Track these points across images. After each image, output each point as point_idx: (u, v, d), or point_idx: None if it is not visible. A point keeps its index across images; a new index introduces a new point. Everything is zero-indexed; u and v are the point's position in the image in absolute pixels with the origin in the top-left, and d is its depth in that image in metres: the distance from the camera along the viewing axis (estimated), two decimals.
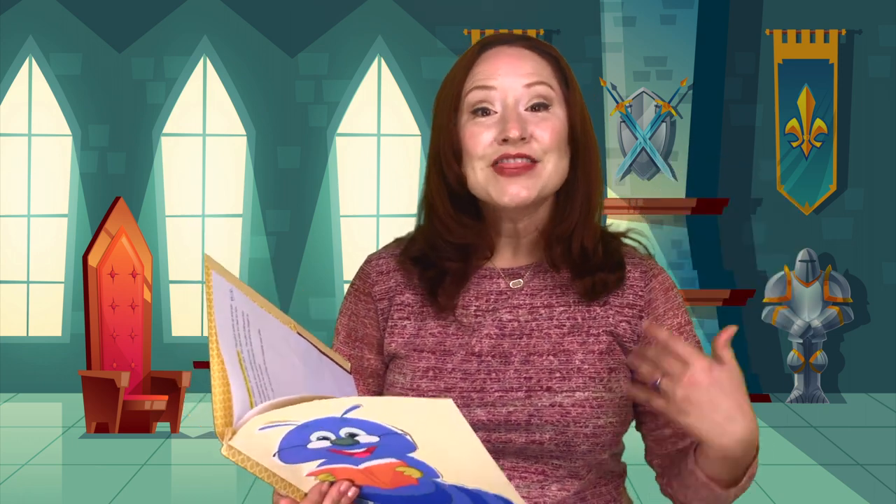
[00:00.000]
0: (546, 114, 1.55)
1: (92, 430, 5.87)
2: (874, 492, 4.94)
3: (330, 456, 1.32)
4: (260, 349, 1.38)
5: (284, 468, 1.34)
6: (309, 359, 1.46)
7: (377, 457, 1.31)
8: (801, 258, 6.80)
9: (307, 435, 1.29)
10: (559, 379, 1.55)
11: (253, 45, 7.08)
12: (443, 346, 1.59)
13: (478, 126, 1.55)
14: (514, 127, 1.52)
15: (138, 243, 6.20)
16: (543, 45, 1.60)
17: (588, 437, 1.54)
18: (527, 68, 1.55)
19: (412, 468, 1.32)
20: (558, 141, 1.55)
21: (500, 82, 1.54)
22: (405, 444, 1.28)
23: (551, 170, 1.55)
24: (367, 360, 1.65)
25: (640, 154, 6.82)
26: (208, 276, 1.36)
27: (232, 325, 1.35)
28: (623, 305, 1.59)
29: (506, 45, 1.58)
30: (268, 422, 1.27)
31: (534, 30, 6.94)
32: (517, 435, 1.54)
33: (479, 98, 1.55)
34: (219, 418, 1.28)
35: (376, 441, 1.28)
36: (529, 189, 1.53)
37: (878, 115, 7.03)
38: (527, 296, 1.60)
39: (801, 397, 6.72)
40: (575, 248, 1.58)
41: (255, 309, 1.41)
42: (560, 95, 1.57)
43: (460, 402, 1.55)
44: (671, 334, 1.42)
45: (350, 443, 1.29)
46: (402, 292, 1.63)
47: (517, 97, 1.54)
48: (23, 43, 7.09)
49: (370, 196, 7.14)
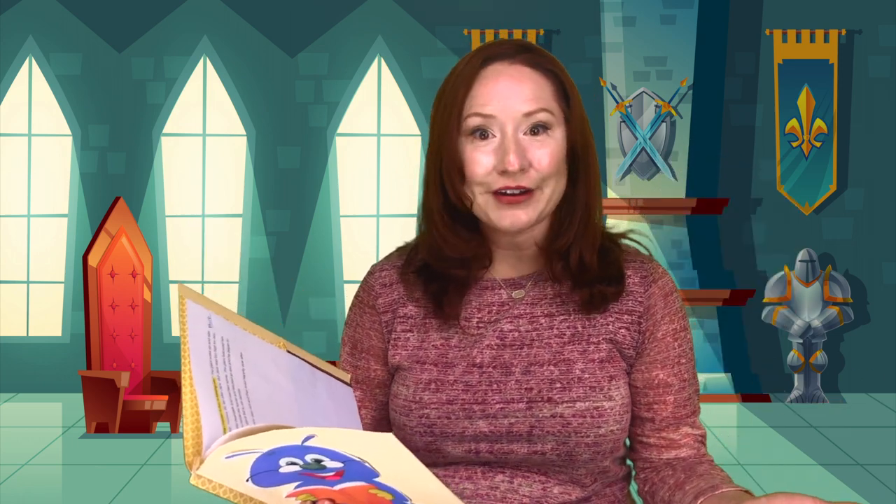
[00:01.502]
0: (545, 137, 1.54)
1: (92, 430, 5.87)
2: (874, 492, 4.94)
3: (304, 479, 1.33)
4: (241, 373, 1.38)
5: (261, 492, 1.34)
6: (300, 376, 1.46)
7: (348, 479, 1.32)
8: (801, 258, 6.80)
9: (275, 461, 1.29)
10: (560, 389, 1.55)
11: (253, 45, 7.08)
12: (445, 358, 1.59)
13: (477, 151, 1.54)
14: (513, 161, 1.51)
15: (138, 243, 6.20)
16: (545, 61, 1.57)
17: (589, 447, 1.54)
18: (527, 93, 1.53)
19: (383, 491, 1.33)
20: (557, 164, 1.55)
21: (499, 109, 1.53)
22: (368, 470, 1.29)
23: (549, 194, 1.55)
24: (374, 370, 1.66)
25: (640, 154, 6.82)
26: (182, 306, 1.36)
27: (209, 351, 1.35)
28: (622, 312, 1.60)
29: (507, 61, 1.55)
30: (232, 451, 1.27)
31: (534, 30, 6.94)
32: (519, 446, 1.55)
33: (477, 123, 1.54)
34: (188, 448, 1.28)
35: (342, 466, 1.29)
36: (529, 214, 1.54)
37: (878, 115, 7.03)
38: (528, 305, 1.61)
39: (801, 397, 6.72)
40: (573, 261, 1.59)
41: (236, 333, 1.41)
42: (560, 116, 1.56)
43: (462, 414, 1.55)
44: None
45: (318, 467, 1.30)
46: (405, 304, 1.64)
47: (516, 125, 1.53)
48: (23, 43, 7.09)
49: (370, 196, 7.14)
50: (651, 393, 1.61)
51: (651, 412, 1.61)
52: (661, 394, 1.61)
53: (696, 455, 1.63)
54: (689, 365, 1.63)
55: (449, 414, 1.55)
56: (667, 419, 1.61)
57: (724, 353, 6.77)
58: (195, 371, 1.32)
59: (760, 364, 6.97)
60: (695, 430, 1.64)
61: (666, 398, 1.61)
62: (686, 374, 1.63)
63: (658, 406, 1.61)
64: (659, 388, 1.61)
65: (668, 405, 1.61)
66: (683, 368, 1.62)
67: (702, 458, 1.63)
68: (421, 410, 1.57)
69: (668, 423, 1.62)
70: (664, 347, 1.61)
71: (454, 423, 1.55)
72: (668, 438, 1.62)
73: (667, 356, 1.61)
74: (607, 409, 1.55)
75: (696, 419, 1.65)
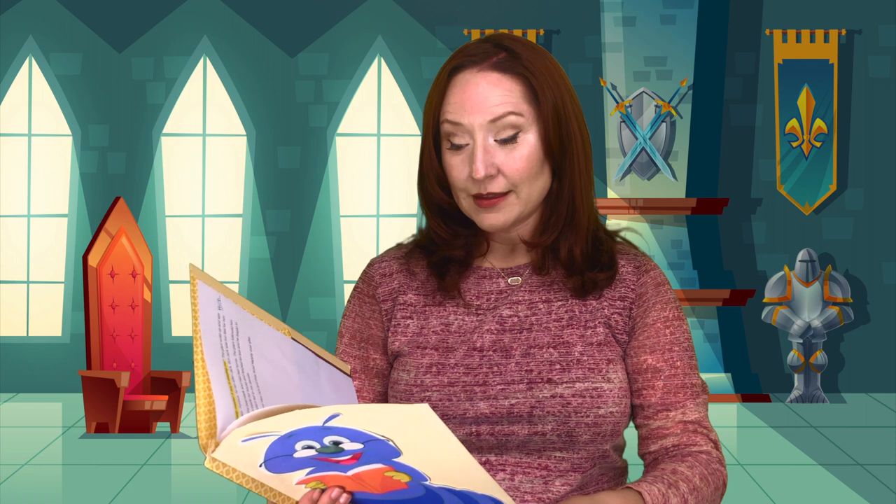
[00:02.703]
0: (515, 144, 1.57)
1: (92, 430, 5.87)
2: (874, 492, 4.94)
3: (317, 464, 1.32)
4: (249, 357, 1.37)
5: (273, 478, 1.34)
6: (304, 364, 1.46)
7: (364, 463, 1.31)
8: (801, 258, 6.80)
9: (291, 444, 1.29)
10: (559, 370, 1.57)
11: (253, 45, 7.08)
12: (445, 343, 1.61)
13: (454, 158, 1.58)
14: (479, 168, 1.55)
15: (138, 243, 6.20)
16: (514, 64, 1.58)
17: (590, 427, 1.56)
18: (494, 99, 1.56)
19: (400, 472, 1.32)
20: (530, 167, 1.57)
21: (467, 118, 1.56)
22: (389, 450, 1.28)
23: (526, 195, 1.58)
24: (373, 360, 1.67)
25: (640, 154, 6.82)
26: (193, 286, 1.36)
27: (219, 334, 1.35)
28: (615, 298, 1.62)
29: (475, 68, 1.58)
30: (249, 433, 1.27)
31: (534, 30, 6.94)
32: (520, 427, 1.56)
33: (448, 131, 1.58)
34: (202, 430, 1.28)
35: (361, 448, 1.28)
36: (505, 216, 1.58)
37: (878, 115, 7.03)
38: (525, 292, 1.64)
39: (801, 397, 6.72)
40: (563, 254, 1.61)
41: (244, 316, 1.41)
42: (531, 116, 1.58)
43: (464, 396, 1.57)
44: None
45: (335, 450, 1.29)
46: (405, 293, 1.66)
47: (485, 132, 1.56)
48: (23, 43, 7.09)
49: (370, 196, 7.14)
50: (640, 378, 1.61)
51: (640, 398, 1.61)
52: (650, 379, 1.61)
53: (685, 444, 1.61)
54: (684, 355, 1.62)
55: (450, 396, 1.57)
56: (655, 405, 1.61)
57: (724, 353, 6.78)
58: (207, 354, 1.31)
59: (760, 364, 6.97)
60: (686, 417, 1.62)
61: (655, 383, 1.61)
62: (678, 363, 1.62)
63: (647, 391, 1.61)
64: (647, 374, 1.61)
65: (657, 390, 1.61)
66: (675, 356, 1.62)
67: (688, 449, 1.60)
68: (422, 394, 1.58)
69: (656, 409, 1.61)
70: (654, 333, 1.62)
71: (455, 405, 1.57)
72: (658, 427, 1.62)
73: (657, 342, 1.61)
74: (606, 390, 1.57)
75: (689, 407, 1.61)
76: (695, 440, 1.62)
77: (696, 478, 1.57)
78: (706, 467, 1.59)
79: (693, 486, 1.56)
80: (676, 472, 1.56)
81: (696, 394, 1.63)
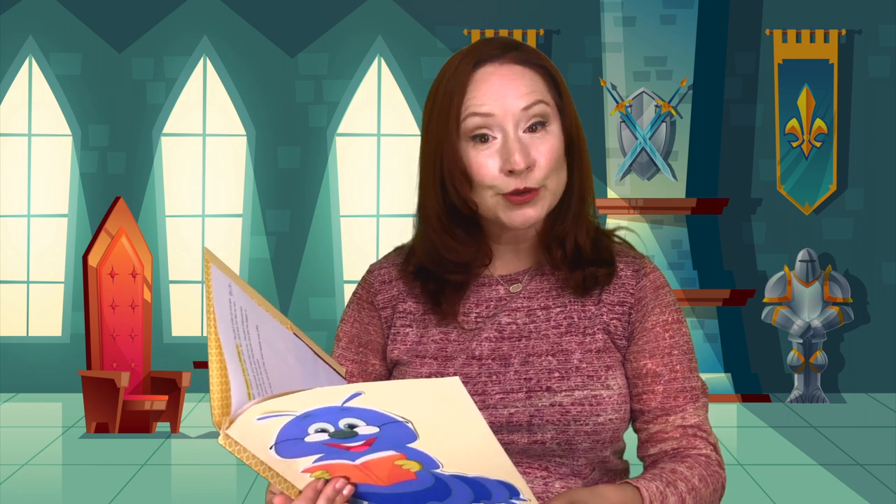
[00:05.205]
0: (544, 132, 1.56)
1: (92, 430, 5.87)
2: (874, 492, 4.94)
3: (327, 450, 1.32)
4: (258, 344, 1.38)
5: (280, 462, 1.34)
6: (304, 359, 1.47)
7: (375, 450, 1.31)
8: (801, 258, 6.80)
9: (305, 427, 1.28)
10: (558, 379, 1.57)
11: (253, 45, 7.08)
12: (444, 352, 1.61)
13: (481, 155, 1.55)
14: (519, 160, 1.53)
15: (138, 243, 6.20)
16: (534, 57, 1.60)
17: (589, 435, 1.55)
18: (522, 88, 1.56)
19: (411, 461, 1.32)
20: (557, 160, 1.57)
21: (498, 108, 1.54)
22: (406, 434, 1.28)
23: (554, 188, 1.58)
24: (372, 365, 1.67)
25: (640, 154, 6.82)
26: (208, 269, 1.36)
27: (231, 318, 1.35)
28: (615, 303, 1.62)
29: (497, 61, 1.57)
30: (266, 411, 1.27)
31: (534, 30, 6.94)
32: (519, 436, 1.56)
33: (476, 124, 1.55)
34: (216, 408, 1.28)
35: (376, 432, 1.28)
36: (538, 211, 1.56)
37: (878, 115, 7.03)
38: (525, 299, 1.63)
39: (801, 397, 6.72)
40: (569, 246, 1.61)
41: (252, 305, 1.41)
42: (555, 109, 1.58)
43: None
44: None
45: (349, 434, 1.29)
46: (405, 300, 1.65)
47: (516, 121, 1.55)
48: (23, 43, 7.09)
49: (370, 196, 7.14)
50: (640, 383, 1.61)
51: (640, 403, 1.61)
52: (650, 383, 1.60)
53: (684, 448, 1.61)
54: (683, 358, 1.62)
55: None
56: (655, 410, 1.61)
57: (724, 353, 6.77)
58: (221, 333, 1.31)
59: (760, 364, 6.97)
60: (686, 421, 1.61)
61: (655, 388, 1.60)
62: (678, 367, 1.61)
63: (647, 396, 1.61)
64: (647, 378, 1.61)
65: (656, 395, 1.60)
66: (675, 360, 1.61)
67: (688, 452, 1.60)
68: None
69: (656, 413, 1.61)
70: (653, 337, 1.61)
71: None
72: (658, 431, 1.62)
73: (656, 346, 1.61)
74: (605, 397, 1.56)
75: (689, 412, 1.61)
76: (694, 444, 1.62)
77: (694, 478, 1.57)
78: (705, 469, 1.59)
79: (691, 486, 1.56)
80: (675, 471, 1.56)
81: (695, 397, 1.63)
